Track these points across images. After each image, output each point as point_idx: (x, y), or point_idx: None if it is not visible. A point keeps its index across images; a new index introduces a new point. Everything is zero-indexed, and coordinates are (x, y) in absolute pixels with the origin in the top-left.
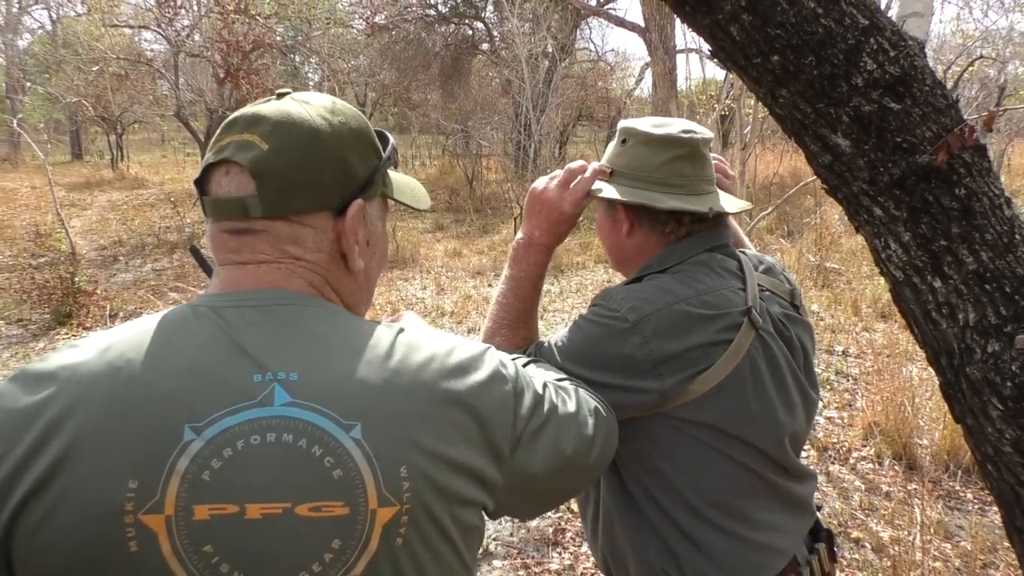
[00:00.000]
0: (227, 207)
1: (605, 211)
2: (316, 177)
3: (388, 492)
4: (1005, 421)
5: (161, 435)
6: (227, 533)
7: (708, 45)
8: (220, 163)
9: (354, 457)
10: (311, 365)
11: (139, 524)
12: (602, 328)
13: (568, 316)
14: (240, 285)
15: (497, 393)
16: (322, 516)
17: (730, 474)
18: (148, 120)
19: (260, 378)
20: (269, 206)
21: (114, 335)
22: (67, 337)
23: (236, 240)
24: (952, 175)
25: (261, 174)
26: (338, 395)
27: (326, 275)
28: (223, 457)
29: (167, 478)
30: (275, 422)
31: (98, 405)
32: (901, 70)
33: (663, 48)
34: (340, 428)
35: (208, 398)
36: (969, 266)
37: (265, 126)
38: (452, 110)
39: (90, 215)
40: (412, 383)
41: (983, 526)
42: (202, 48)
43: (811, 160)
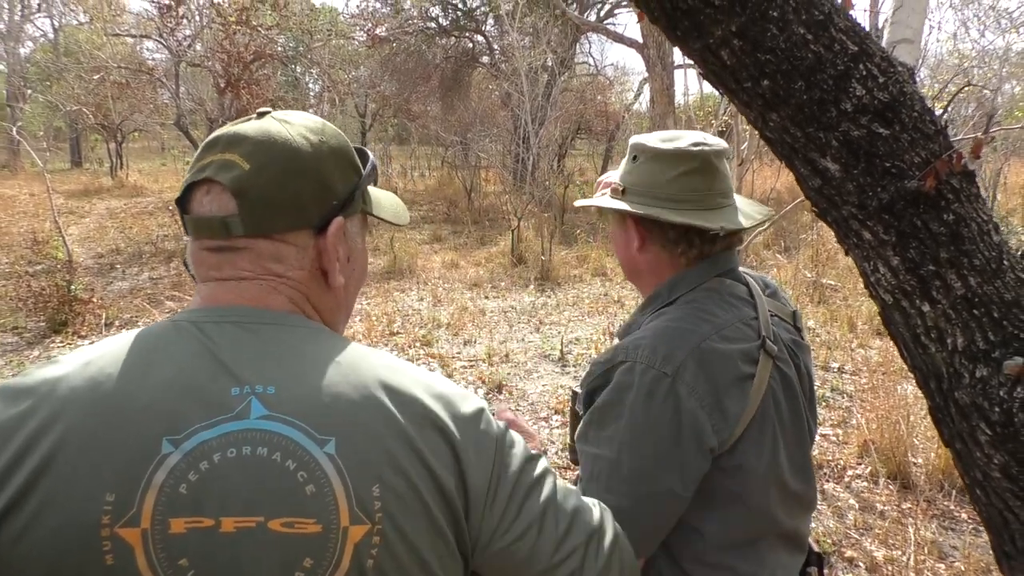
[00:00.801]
0: (209, 226)
1: (618, 226)
2: (297, 196)
3: (360, 510)
4: (993, 446)
5: (139, 448)
6: (203, 547)
7: (699, 68)
8: (201, 182)
9: (327, 472)
10: (288, 379)
11: (115, 537)
12: (644, 391)
13: (564, 329)
14: (221, 301)
15: (480, 432)
16: (294, 533)
17: (747, 519)
18: (148, 129)
19: (238, 391)
20: (251, 225)
21: (95, 350)
22: (62, 345)
23: (217, 257)
24: (940, 200)
25: (242, 193)
26: (314, 409)
27: (307, 292)
28: (200, 470)
29: (144, 491)
30: (250, 435)
31: (77, 419)
32: (890, 96)
33: (661, 64)
34: (314, 442)
35: (186, 411)
36: (957, 291)
37: (246, 146)
38: (451, 122)
39: (88, 223)
40: (391, 401)
41: (977, 547)
42: (203, 58)
43: (801, 183)
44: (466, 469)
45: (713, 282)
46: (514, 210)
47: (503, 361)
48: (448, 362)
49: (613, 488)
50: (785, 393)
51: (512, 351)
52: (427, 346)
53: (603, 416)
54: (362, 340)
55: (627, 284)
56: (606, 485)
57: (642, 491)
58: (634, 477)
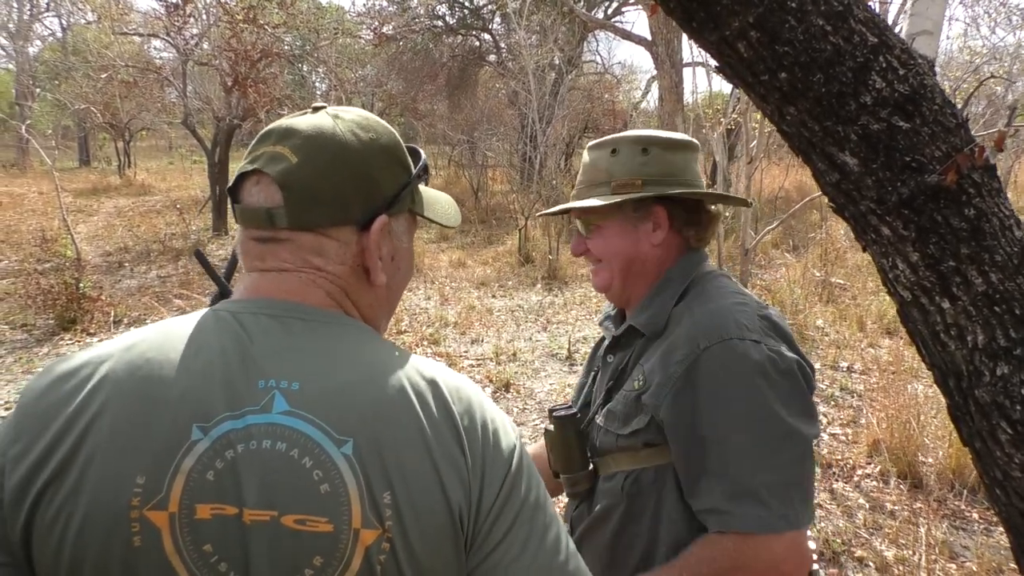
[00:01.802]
0: (255, 216)
1: (626, 222)
2: (341, 191)
3: (371, 514)
4: (1014, 445)
5: (171, 433)
6: (226, 533)
7: (715, 61)
8: (252, 173)
9: (342, 473)
10: (313, 376)
11: (144, 519)
12: (750, 362)
13: (572, 328)
14: (261, 293)
15: (500, 447)
16: (306, 530)
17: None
18: (156, 127)
19: (263, 384)
20: (294, 218)
21: (138, 335)
22: (71, 343)
23: (261, 248)
24: (961, 195)
25: (288, 186)
26: (335, 408)
27: (346, 287)
28: (225, 458)
29: (173, 475)
30: (271, 429)
31: (115, 402)
32: (910, 89)
33: (670, 62)
34: (332, 442)
35: (216, 400)
36: (978, 287)
37: (296, 139)
38: (458, 121)
39: (96, 221)
40: (420, 408)
41: (989, 547)
42: (210, 56)
43: (818, 178)
44: (478, 490)
45: (707, 265)
46: (521, 209)
47: (510, 360)
48: (455, 361)
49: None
50: None
51: (519, 350)
52: (434, 345)
53: (734, 396)
54: None
55: None
56: (771, 463)
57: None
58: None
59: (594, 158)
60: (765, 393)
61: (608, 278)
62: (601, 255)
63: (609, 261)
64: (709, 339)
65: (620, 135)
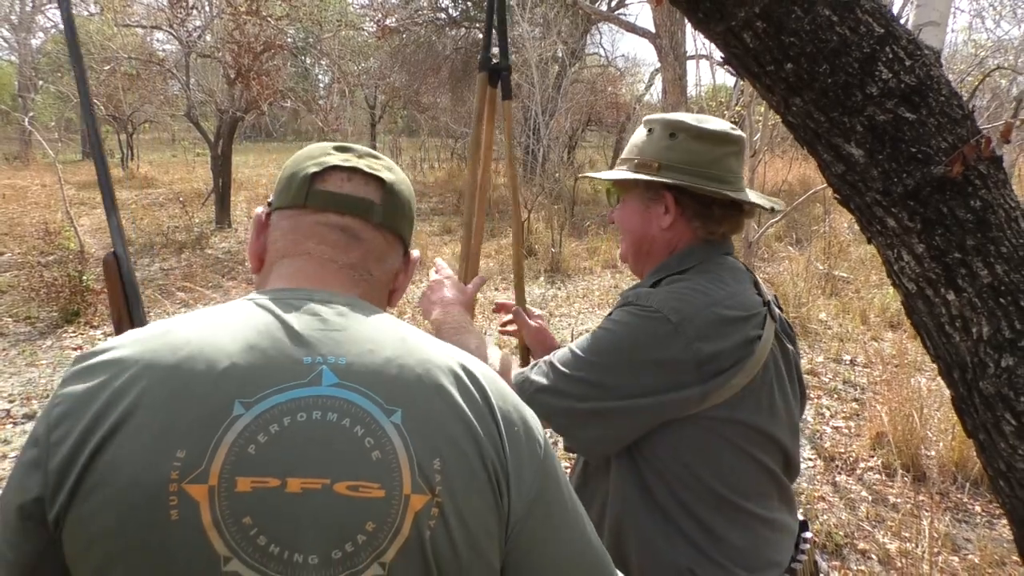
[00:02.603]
0: (353, 203)
1: (640, 201)
2: (410, 215)
3: (421, 480)
4: (1018, 437)
5: (212, 409)
6: (267, 505)
7: (720, 52)
8: (344, 169)
9: (392, 440)
10: (360, 353)
11: (183, 493)
12: (642, 327)
13: (575, 321)
14: (304, 283)
15: (532, 433)
16: (359, 496)
17: (754, 473)
18: (159, 120)
19: (310, 360)
20: (387, 216)
21: (175, 321)
22: (74, 335)
23: (336, 236)
24: (967, 187)
25: (391, 192)
26: (383, 380)
27: (375, 299)
28: (269, 432)
29: (214, 450)
30: (321, 401)
31: (155, 380)
32: (917, 80)
33: (673, 54)
34: (382, 411)
35: (259, 376)
36: (984, 279)
37: (384, 162)
38: (461, 113)
39: (99, 214)
40: (456, 387)
41: (991, 539)
42: (213, 49)
43: (824, 170)
44: (516, 468)
45: (720, 258)
46: (524, 202)
47: (514, 352)
48: None
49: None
50: (784, 361)
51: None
52: None
53: (595, 330)
54: None
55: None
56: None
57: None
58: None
59: (636, 134)
60: (619, 335)
61: (625, 248)
62: (620, 227)
63: (624, 233)
64: (632, 299)
65: (665, 116)
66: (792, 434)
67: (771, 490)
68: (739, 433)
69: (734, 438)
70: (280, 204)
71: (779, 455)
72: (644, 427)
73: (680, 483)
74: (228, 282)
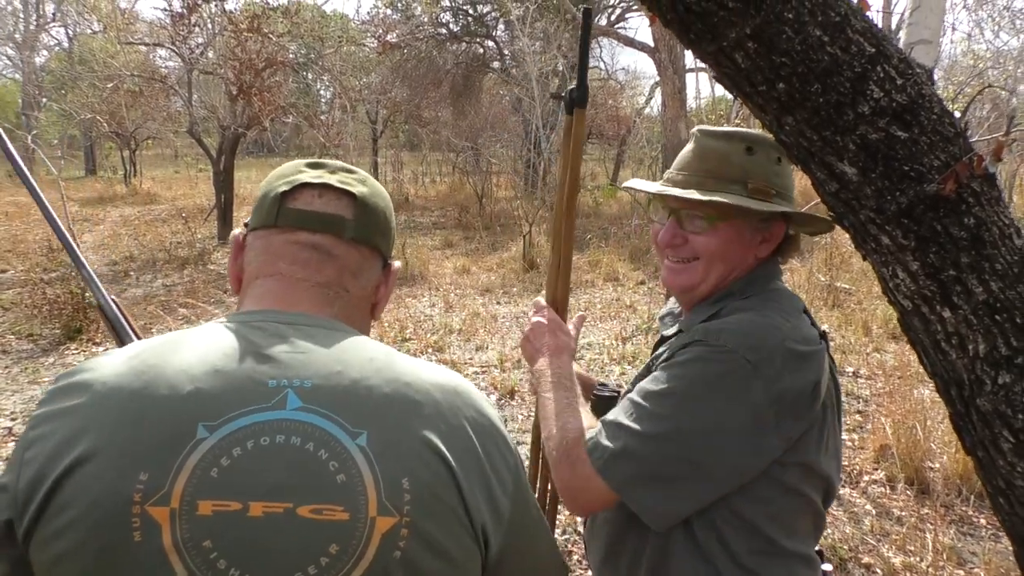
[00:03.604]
0: (321, 220)
1: (747, 229)
2: (388, 227)
3: (388, 501)
4: (1016, 454)
5: (176, 431)
6: (228, 529)
7: (713, 71)
8: (314, 186)
9: (358, 463)
10: (325, 375)
11: (145, 515)
12: (718, 370)
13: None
14: (276, 304)
15: (503, 446)
16: (322, 519)
17: (801, 511)
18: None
19: (275, 383)
20: (361, 231)
21: (143, 344)
22: (76, 353)
23: (307, 255)
24: (961, 204)
25: (363, 205)
26: (349, 402)
27: (353, 313)
28: (232, 455)
29: (177, 472)
30: (285, 424)
31: (120, 404)
32: (908, 98)
33: (672, 68)
34: (347, 434)
35: (224, 400)
36: (979, 296)
37: (358, 175)
38: (462, 128)
39: (102, 230)
40: (425, 402)
41: (996, 553)
42: (215, 65)
43: (818, 188)
44: (492, 484)
45: (776, 283)
46: (525, 215)
47: (515, 367)
48: (460, 368)
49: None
50: (836, 394)
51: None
52: (439, 352)
53: (662, 376)
54: None
55: (639, 290)
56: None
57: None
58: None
59: (723, 149)
60: (695, 384)
61: (699, 278)
62: (702, 253)
63: (710, 261)
64: (704, 336)
65: (748, 132)
66: (837, 465)
67: (811, 525)
68: (795, 475)
69: (789, 480)
70: (254, 225)
71: (824, 487)
72: (729, 486)
73: (726, 524)
74: (230, 298)
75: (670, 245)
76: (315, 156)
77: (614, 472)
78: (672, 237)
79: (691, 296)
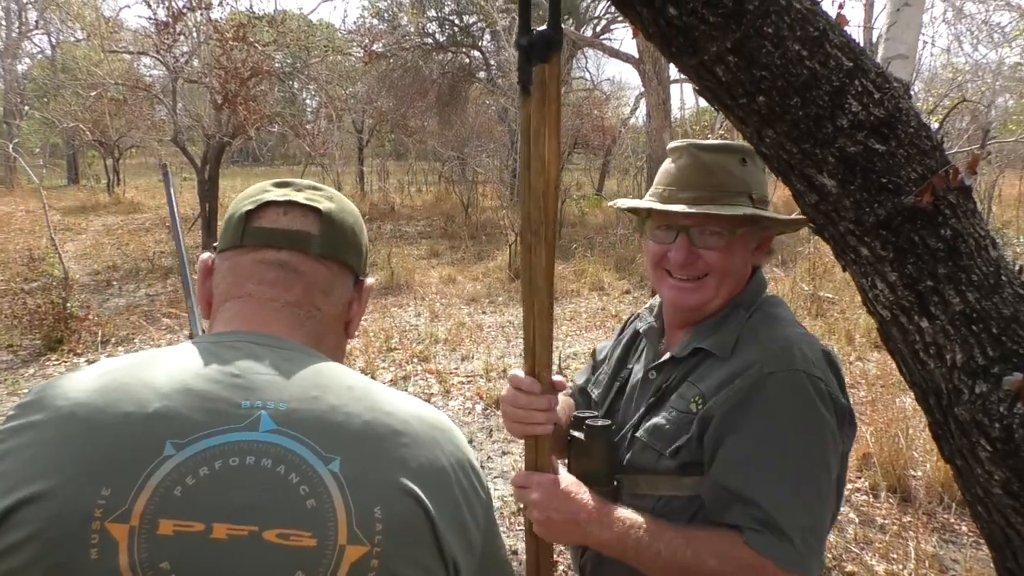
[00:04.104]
0: (287, 237)
1: (749, 240)
2: (357, 242)
3: (359, 530)
4: (994, 463)
5: (142, 448)
6: (188, 551)
7: (694, 84)
8: (279, 204)
9: (329, 489)
10: (304, 398)
11: (104, 531)
12: (823, 403)
13: (562, 343)
14: (247, 325)
15: (478, 482)
16: (288, 545)
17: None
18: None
19: (248, 404)
20: (328, 246)
21: (113, 361)
22: (57, 364)
23: (274, 274)
24: (938, 216)
25: (330, 221)
26: (324, 427)
27: (326, 333)
28: (198, 475)
29: (139, 489)
30: (256, 446)
31: (85, 419)
32: (886, 112)
33: (657, 79)
34: (319, 459)
35: (194, 418)
36: (956, 307)
37: (324, 192)
38: (448, 137)
39: (85, 239)
40: (402, 431)
41: (978, 560)
42: (200, 74)
43: (798, 199)
44: (465, 518)
45: (767, 292)
46: (511, 225)
47: (501, 377)
48: (446, 378)
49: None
50: None
51: (510, 366)
52: (424, 362)
53: (790, 428)
54: (359, 356)
55: (625, 299)
56: (811, 501)
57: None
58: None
59: (723, 162)
60: (821, 432)
61: (712, 294)
62: (715, 269)
63: (722, 276)
64: (776, 366)
65: (739, 144)
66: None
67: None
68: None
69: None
70: (222, 247)
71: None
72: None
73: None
74: None
75: (687, 264)
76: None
77: (810, 557)
78: (688, 255)
79: (700, 314)
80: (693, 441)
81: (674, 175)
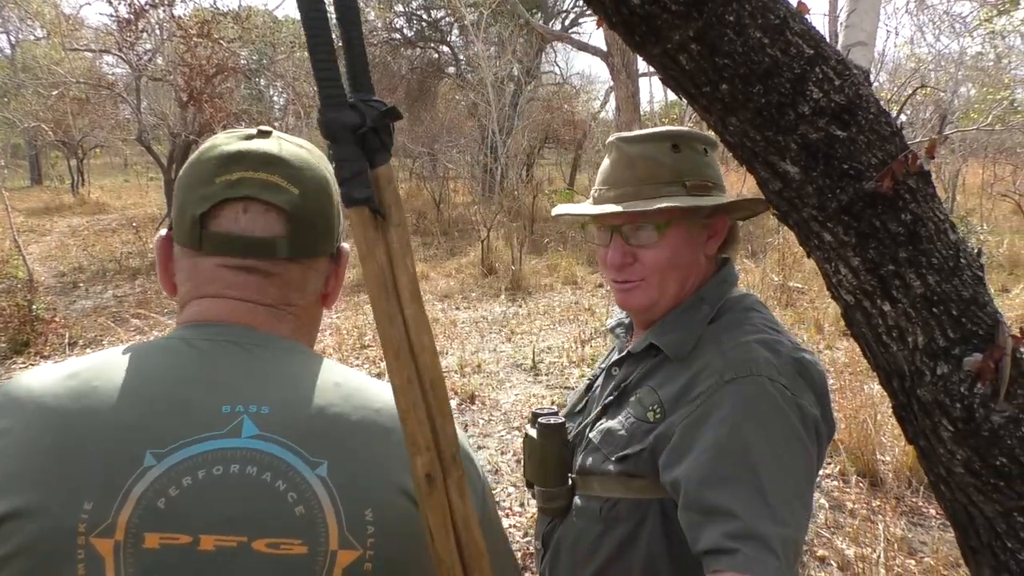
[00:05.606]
0: (251, 244)
1: (692, 229)
2: (331, 224)
3: (350, 534)
4: (955, 442)
5: (121, 459)
6: (176, 565)
7: (659, 74)
8: (238, 200)
9: (318, 495)
10: (285, 401)
11: (89, 547)
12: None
13: (536, 337)
14: (223, 319)
15: (474, 475)
16: (279, 554)
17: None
18: (110, 145)
19: (229, 409)
20: (295, 248)
21: (83, 362)
22: (24, 366)
23: (242, 278)
24: (898, 201)
25: (296, 219)
26: (309, 431)
27: (307, 319)
28: (181, 485)
29: (121, 502)
30: (240, 453)
31: (60, 428)
32: (846, 99)
33: (626, 72)
34: (306, 464)
35: (174, 426)
36: (917, 290)
37: (286, 168)
38: (419, 133)
39: (49, 241)
40: (389, 428)
41: (945, 541)
42: (165, 72)
43: (762, 187)
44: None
45: (739, 284)
46: (483, 220)
47: (475, 372)
48: None
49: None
50: None
51: (484, 361)
52: None
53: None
54: (332, 354)
55: (598, 292)
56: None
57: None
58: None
59: (649, 152)
60: (788, 439)
61: (656, 293)
62: (654, 268)
63: (663, 274)
64: (736, 372)
65: (669, 129)
66: None
67: None
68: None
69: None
70: (177, 238)
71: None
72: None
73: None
74: None
75: (622, 265)
76: None
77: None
78: (624, 256)
79: (652, 314)
80: (645, 453)
81: (606, 173)
